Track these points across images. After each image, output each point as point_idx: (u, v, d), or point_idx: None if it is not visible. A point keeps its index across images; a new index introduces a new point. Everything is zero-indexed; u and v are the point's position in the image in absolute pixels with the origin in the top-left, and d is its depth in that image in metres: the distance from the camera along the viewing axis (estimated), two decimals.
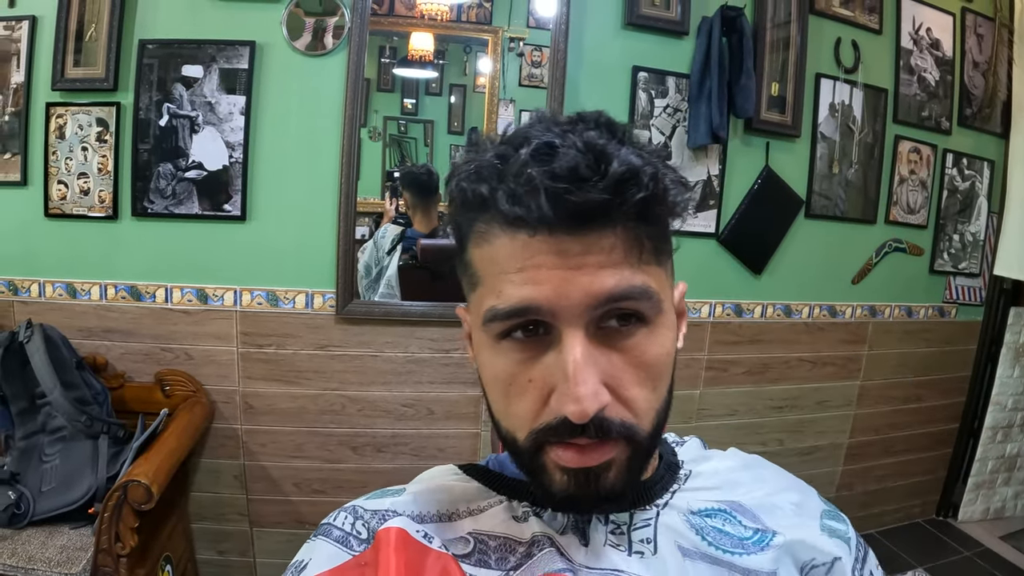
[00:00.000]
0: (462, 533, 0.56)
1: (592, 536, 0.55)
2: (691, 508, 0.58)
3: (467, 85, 1.97)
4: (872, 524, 2.53)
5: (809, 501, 0.63)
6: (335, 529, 0.57)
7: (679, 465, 0.63)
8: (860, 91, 2.18)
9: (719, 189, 2.03)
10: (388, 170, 1.98)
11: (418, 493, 0.60)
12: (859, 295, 2.28)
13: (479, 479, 0.61)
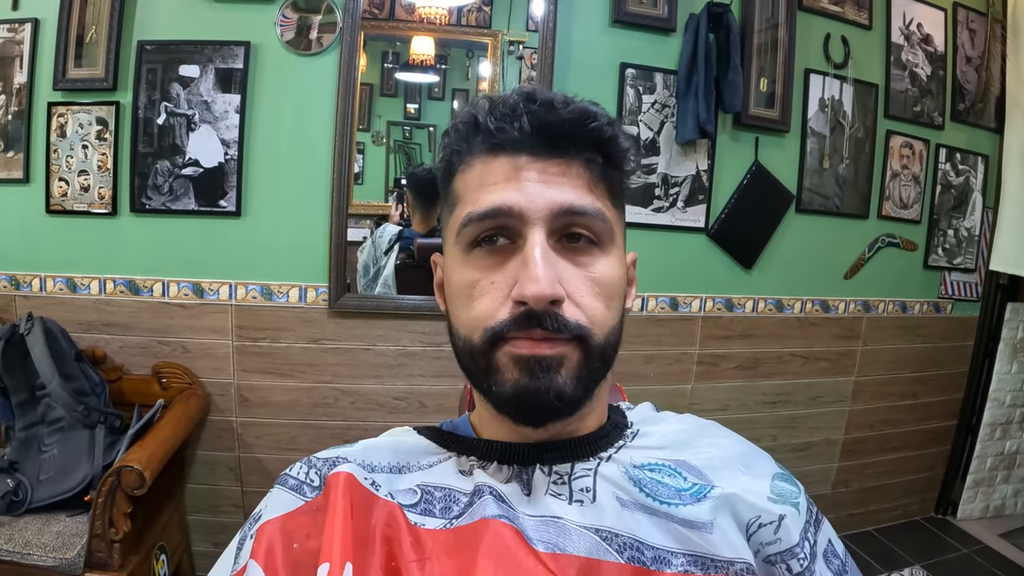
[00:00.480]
0: (410, 485, 0.59)
1: (534, 485, 0.57)
2: (634, 463, 0.59)
3: (469, 89, 1.98)
4: (870, 521, 2.50)
5: (761, 464, 0.62)
6: (290, 478, 0.60)
7: (627, 425, 0.64)
8: (850, 86, 2.18)
9: (708, 184, 2.03)
10: (396, 177, 1.99)
11: (369, 446, 0.63)
12: (852, 290, 2.26)
13: (431, 437, 0.64)
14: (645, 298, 2.04)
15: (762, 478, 0.59)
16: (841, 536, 2.08)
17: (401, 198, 2.00)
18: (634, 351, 2.04)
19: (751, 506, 0.56)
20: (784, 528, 0.56)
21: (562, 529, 0.54)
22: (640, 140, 1.97)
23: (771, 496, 0.57)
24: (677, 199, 2.01)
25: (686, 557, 0.54)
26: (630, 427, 0.64)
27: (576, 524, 0.55)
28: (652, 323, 2.05)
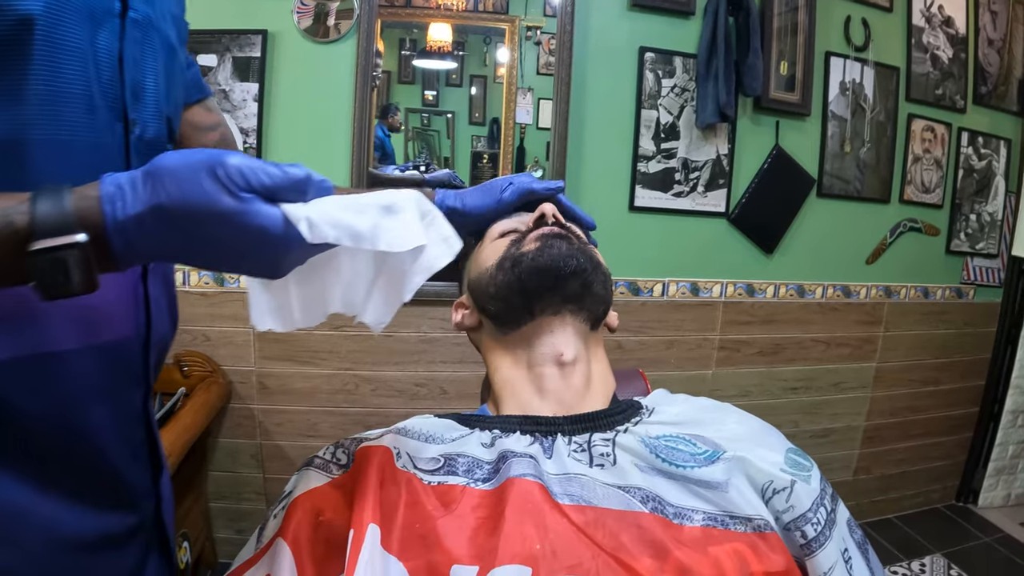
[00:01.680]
0: (434, 454, 0.59)
1: (556, 450, 0.59)
2: (649, 435, 0.60)
3: (487, 76, 1.91)
4: (891, 509, 2.40)
5: (775, 440, 0.63)
6: (317, 458, 0.62)
7: (642, 406, 0.66)
8: (871, 69, 2.08)
9: (728, 168, 1.94)
10: (413, 162, 1.92)
11: (400, 424, 0.65)
12: (874, 275, 2.17)
13: (452, 418, 0.66)
14: (666, 283, 1.96)
15: (776, 451, 0.60)
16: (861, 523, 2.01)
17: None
18: (655, 336, 1.96)
19: (762, 471, 0.57)
20: (795, 495, 0.56)
21: (586, 484, 0.56)
22: (660, 124, 1.88)
23: (783, 467, 0.58)
24: (697, 184, 1.93)
25: (706, 513, 0.55)
26: (645, 408, 0.66)
27: (599, 481, 0.56)
28: (672, 308, 1.96)
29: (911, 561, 2.12)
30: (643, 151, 1.87)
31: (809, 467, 0.60)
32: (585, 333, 0.68)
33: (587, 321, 0.68)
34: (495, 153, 1.89)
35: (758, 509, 0.55)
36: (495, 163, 1.89)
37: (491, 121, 1.90)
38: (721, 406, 0.67)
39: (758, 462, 0.57)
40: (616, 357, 1.98)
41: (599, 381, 0.68)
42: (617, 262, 1.90)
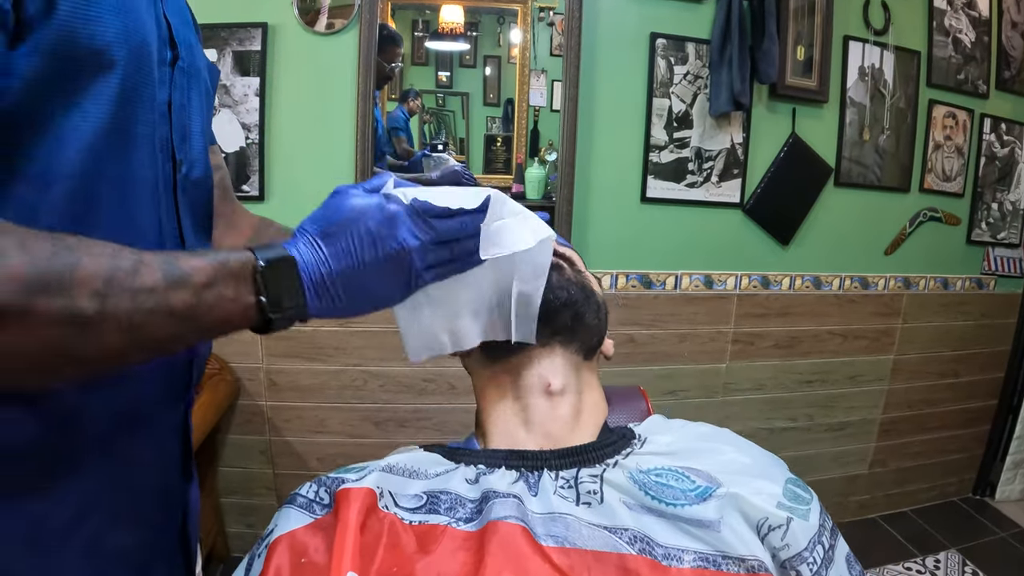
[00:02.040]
0: (417, 491, 0.58)
1: (541, 487, 0.56)
2: (640, 468, 0.57)
3: (501, 56, 1.85)
4: (906, 502, 2.34)
5: (773, 470, 0.59)
6: (300, 497, 0.60)
7: (634, 435, 0.63)
8: (891, 54, 1.99)
9: (743, 157, 1.87)
10: (431, 141, 1.87)
11: (384, 461, 0.63)
12: (892, 266, 2.09)
13: (438, 452, 0.64)
14: (679, 276, 1.89)
15: (774, 483, 0.57)
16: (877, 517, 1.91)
17: (415, 167, 1.86)
18: (668, 330, 1.90)
19: (757, 508, 0.54)
20: (791, 533, 0.53)
21: (571, 525, 0.54)
22: (672, 113, 1.81)
23: (781, 501, 0.55)
24: (711, 174, 1.86)
25: (697, 553, 0.52)
26: (637, 437, 0.63)
27: (585, 521, 0.54)
28: (686, 301, 1.90)
29: (925, 557, 2.07)
30: (655, 140, 1.80)
31: (809, 499, 0.57)
32: (577, 363, 0.66)
33: (579, 352, 0.66)
34: (509, 136, 1.83)
35: (752, 549, 0.52)
36: (508, 146, 1.83)
37: (505, 102, 1.84)
38: (718, 433, 0.64)
39: (753, 497, 0.54)
40: (628, 351, 1.94)
41: (589, 412, 0.65)
42: (629, 255, 1.84)
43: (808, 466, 2.13)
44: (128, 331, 0.41)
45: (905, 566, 2.03)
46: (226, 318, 0.46)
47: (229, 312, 0.45)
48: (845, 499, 2.23)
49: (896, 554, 2.08)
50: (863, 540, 2.15)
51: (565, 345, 0.65)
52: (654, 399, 1.93)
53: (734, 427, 2.01)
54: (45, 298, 0.37)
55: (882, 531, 2.23)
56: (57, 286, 0.38)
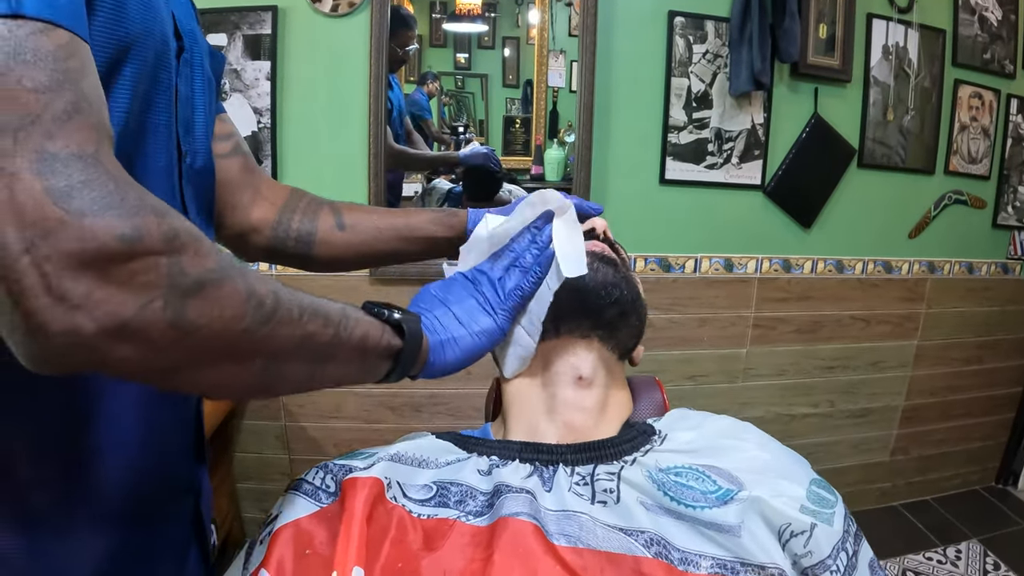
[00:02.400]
0: (427, 481, 0.56)
1: (556, 482, 0.54)
2: (659, 466, 0.54)
3: (520, 37, 1.80)
4: (928, 490, 2.27)
5: (797, 471, 0.56)
6: (306, 483, 0.58)
7: (655, 431, 0.60)
8: (916, 32, 1.91)
9: (764, 138, 1.80)
10: (452, 123, 1.82)
11: (391, 448, 0.61)
12: (916, 250, 2.01)
13: (450, 440, 0.62)
14: (698, 259, 1.83)
15: (797, 484, 0.53)
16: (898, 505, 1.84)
17: (459, 144, 1.82)
18: (687, 314, 1.84)
19: (779, 512, 0.50)
20: (815, 540, 0.50)
21: (584, 524, 0.51)
22: (692, 93, 1.75)
23: (805, 504, 0.51)
24: (731, 155, 1.79)
25: (715, 560, 0.50)
26: (657, 433, 0.60)
27: (600, 521, 0.52)
28: (705, 285, 1.84)
29: (946, 547, 2.01)
30: (674, 121, 1.74)
31: (834, 502, 0.53)
32: (610, 360, 0.64)
33: (615, 350, 0.65)
34: (528, 118, 1.78)
35: (772, 556, 0.49)
36: (528, 127, 1.78)
37: (524, 83, 1.79)
38: (742, 428, 0.60)
39: (775, 501, 0.51)
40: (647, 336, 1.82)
41: (614, 407, 0.64)
42: (647, 238, 1.78)
43: (829, 453, 2.07)
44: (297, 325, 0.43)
45: (926, 556, 1.97)
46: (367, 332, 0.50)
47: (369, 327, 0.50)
48: (866, 487, 2.16)
49: (917, 543, 2.03)
50: (884, 528, 2.09)
51: (604, 341, 0.63)
52: (673, 384, 1.89)
53: (754, 413, 1.95)
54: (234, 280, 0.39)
55: (903, 519, 2.17)
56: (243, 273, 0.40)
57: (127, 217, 0.33)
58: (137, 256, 0.33)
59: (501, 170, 1.77)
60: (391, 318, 0.53)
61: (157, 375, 0.38)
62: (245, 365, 0.42)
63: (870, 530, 2.17)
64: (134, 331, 0.34)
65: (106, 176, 0.34)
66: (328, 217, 0.79)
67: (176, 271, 0.35)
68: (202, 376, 0.40)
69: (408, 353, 0.53)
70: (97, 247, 0.32)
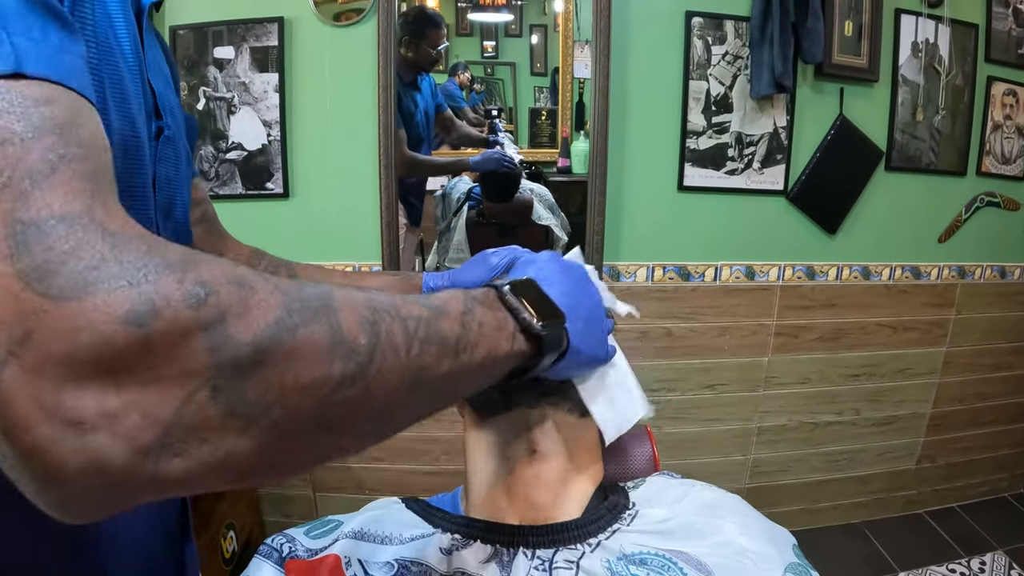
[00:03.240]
0: (389, 558, 0.54)
1: (514, 568, 0.51)
2: (624, 551, 0.50)
3: (547, 25, 1.71)
4: (954, 498, 2.15)
5: (774, 555, 0.50)
6: (274, 551, 0.57)
7: (627, 506, 0.56)
8: (947, 27, 1.77)
9: (787, 142, 1.69)
10: (486, 107, 1.75)
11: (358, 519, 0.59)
12: (946, 255, 1.88)
13: (416, 511, 0.59)
14: (718, 267, 1.73)
15: (770, 571, 0.49)
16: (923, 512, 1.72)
17: (493, 128, 1.74)
18: (707, 323, 1.75)
19: None
20: None
21: None
22: (711, 96, 1.64)
23: None
24: (752, 160, 1.69)
25: None
26: (630, 508, 0.55)
27: None
28: (726, 293, 1.74)
29: (970, 558, 1.89)
30: (692, 126, 1.64)
31: None
32: (569, 424, 0.58)
33: (572, 412, 0.58)
34: (553, 109, 1.69)
35: None
36: (554, 120, 1.70)
37: (553, 71, 1.70)
38: (722, 505, 0.55)
39: None
40: (666, 345, 1.79)
41: (578, 479, 0.58)
42: (665, 246, 1.69)
43: (852, 461, 1.97)
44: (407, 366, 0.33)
45: (949, 567, 1.86)
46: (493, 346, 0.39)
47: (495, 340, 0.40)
48: (891, 495, 2.05)
49: (940, 554, 1.92)
50: (907, 537, 1.98)
51: (556, 406, 0.57)
52: (692, 393, 1.80)
53: (776, 421, 1.84)
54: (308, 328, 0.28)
55: (928, 528, 2.05)
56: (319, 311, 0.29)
57: (131, 286, 0.24)
58: (158, 339, 0.24)
59: (516, 169, 1.69)
60: (532, 326, 0.42)
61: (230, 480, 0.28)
62: (344, 433, 0.32)
63: (894, 539, 2.09)
64: (180, 439, 0.25)
65: (98, 235, 0.25)
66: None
67: (219, 343, 0.25)
68: (290, 459, 0.30)
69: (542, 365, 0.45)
70: (97, 340, 0.23)
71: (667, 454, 1.78)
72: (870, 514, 2.04)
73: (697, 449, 1.83)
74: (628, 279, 1.70)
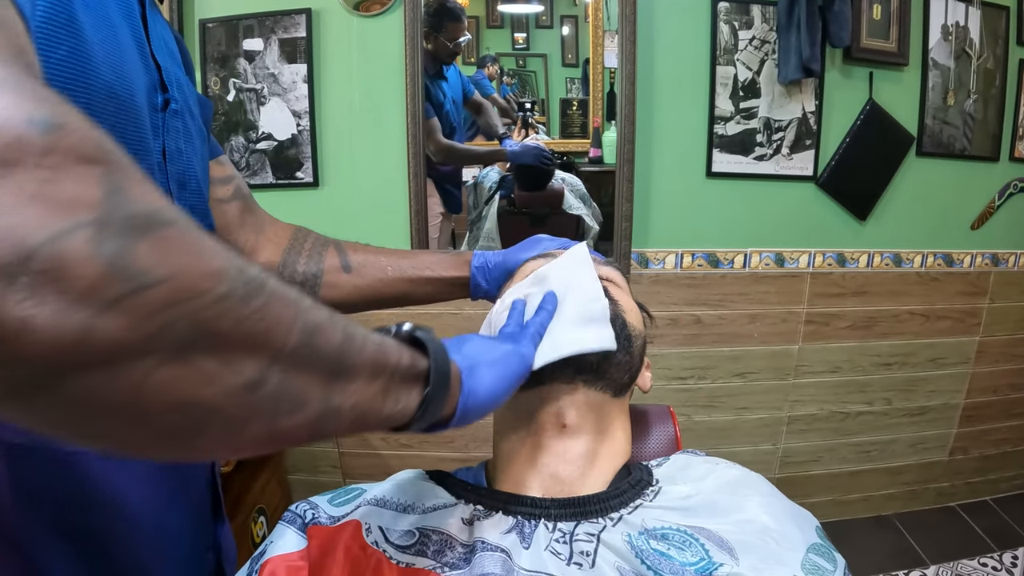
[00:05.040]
0: (410, 527, 0.52)
1: (534, 539, 0.49)
2: (646, 526, 0.48)
3: (578, 16, 1.62)
4: (987, 491, 2.00)
5: (796, 535, 0.48)
6: (297, 517, 0.54)
7: (649, 483, 0.53)
8: (977, 10, 1.65)
9: (816, 127, 1.58)
10: (519, 99, 1.67)
11: (380, 488, 0.57)
12: (979, 242, 1.75)
13: (439, 482, 0.56)
14: (747, 254, 1.63)
15: (793, 552, 0.46)
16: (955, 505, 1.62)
17: (525, 122, 1.66)
18: (736, 310, 1.64)
19: None
20: None
21: None
22: (738, 82, 1.54)
23: (797, 575, 0.44)
24: (781, 145, 1.58)
25: None
26: (653, 484, 0.53)
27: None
28: (755, 280, 1.63)
29: (1003, 553, 1.76)
30: (720, 111, 1.54)
31: (831, 571, 0.46)
32: (601, 402, 0.56)
33: (607, 390, 0.56)
34: (585, 100, 1.60)
35: None
36: (585, 110, 1.61)
37: (584, 62, 1.61)
38: (746, 483, 0.52)
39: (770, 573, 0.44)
40: (695, 332, 1.68)
41: (606, 455, 0.55)
42: (694, 233, 1.59)
43: (884, 452, 1.83)
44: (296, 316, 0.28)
45: (980, 561, 1.73)
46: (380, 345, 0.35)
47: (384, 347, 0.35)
48: (923, 486, 1.91)
49: (972, 547, 1.78)
50: (939, 530, 1.85)
51: (590, 384, 0.55)
52: (722, 381, 1.69)
53: (807, 410, 1.71)
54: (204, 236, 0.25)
55: (960, 521, 1.91)
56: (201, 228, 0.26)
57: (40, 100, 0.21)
58: (59, 149, 0.20)
59: (553, 163, 1.61)
60: (400, 331, 0.39)
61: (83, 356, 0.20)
62: (233, 365, 0.25)
63: (925, 531, 1.94)
64: (37, 276, 0.19)
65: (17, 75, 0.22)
66: (333, 258, 0.72)
67: (114, 187, 0.21)
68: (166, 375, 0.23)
69: (438, 371, 0.39)
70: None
71: (697, 443, 1.67)
72: (901, 506, 1.90)
73: (727, 438, 1.72)
74: (657, 266, 1.60)
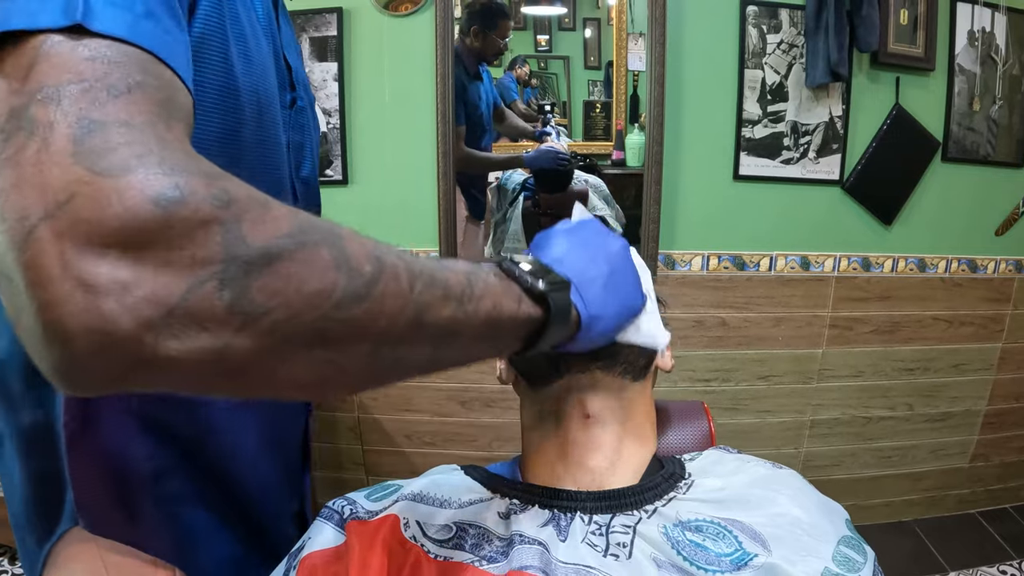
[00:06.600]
0: (447, 521, 0.51)
1: (571, 532, 0.47)
2: (680, 518, 0.47)
3: (601, 18, 1.58)
4: (1008, 498, 1.92)
5: (827, 527, 0.46)
6: (335, 513, 0.54)
7: (683, 476, 0.52)
8: (1003, 16, 1.59)
9: (843, 131, 1.53)
10: (540, 102, 1.63)
11: (418, 483, 0.55)
12: (1004, 248, 1.68)
13: (475, 477, 0.55)
14: (773, 257, 1.57)
15: (826, 542, 0.45)
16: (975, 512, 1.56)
17: (546, 124, 1.61)
18: (761, 313, 1.58)
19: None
20: None
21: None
22: (766, 85, 1.49)
23: (828, 567, 0.43)
24: (808, 149, 1.52)
25: None
26: (686, 478, 0.52)
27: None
28: (781, 283, 1.57)
29: (1022, 561, 1.69)
30: (748, 115, 1.49)
31: (862, 564, 0.45)
32: (621, 387, 0.53)
33: (625, 375, 0.53)
34: (608, 102, 1.55)
35: None
36: (608, 112, 1.56)
37: (606, 64, 1.56)
38: (777, 478, 0.51)
39: (793, 568, 0.43)
40: (720, 335, 1.62)
41: (634, 443, 0.53)
42: (721, 235, 1.54)
43: (905, 458, 1.76)
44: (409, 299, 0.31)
45: (1000, 569, 1.65)
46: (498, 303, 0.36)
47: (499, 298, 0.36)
48: (943, 493, 1.83)
49: (992, 555, 1.71)
50: (959, 537, 1.77)
51: (606, 370, 0.52)
52: (747, 383, 1.62)
53: (829, 415, 1.63)
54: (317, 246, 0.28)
55: (980, 528, 1.83)
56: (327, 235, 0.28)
57: (166, 175, 0.24)
58: (179, 223, 0.24)
59: (571, 165, 1.56)
60: (534, 287, 0.38)
61: (223, 379, 0.27)
62: (344, 352, 0.29)
63: (945, 538, 1.86)
64: (181, 322, 0.24)
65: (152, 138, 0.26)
66: None
67: (233, 240, 0.25)
68: (288, 372, 0.28)
69: (553, 333, 0.39)
70: (124, 213, 0.23)
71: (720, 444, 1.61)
72: (922, 512, 1.83)
73: (750, 441, 1.66)
74: (683, 267, 1.54)
